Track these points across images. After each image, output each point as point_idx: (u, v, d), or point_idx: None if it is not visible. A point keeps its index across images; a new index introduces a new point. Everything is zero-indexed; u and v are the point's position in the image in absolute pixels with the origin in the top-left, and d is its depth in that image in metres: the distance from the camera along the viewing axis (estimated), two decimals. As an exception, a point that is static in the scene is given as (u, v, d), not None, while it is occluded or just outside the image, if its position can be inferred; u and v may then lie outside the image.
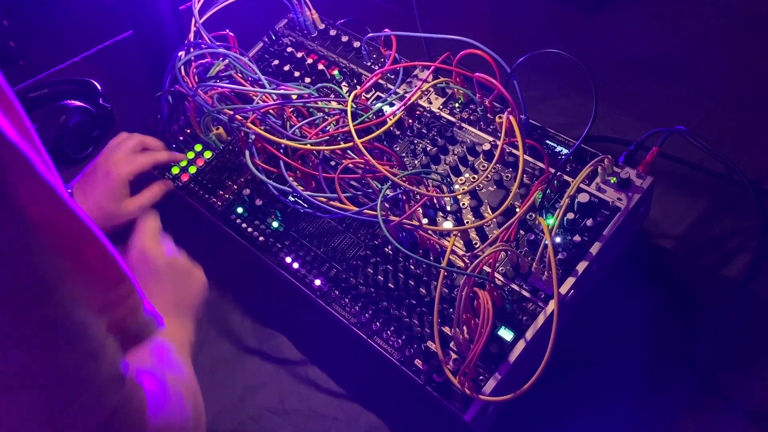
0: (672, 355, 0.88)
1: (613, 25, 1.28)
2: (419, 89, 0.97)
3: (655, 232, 0.98)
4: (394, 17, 1.37)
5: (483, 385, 0.76)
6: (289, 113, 0.93)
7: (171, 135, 1.08)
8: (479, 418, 0.77)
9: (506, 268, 0.83)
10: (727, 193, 1.00)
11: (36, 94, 1.32)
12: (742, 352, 0.86)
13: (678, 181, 1.02)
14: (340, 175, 0.86)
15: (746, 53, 1.18)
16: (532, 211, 0.85)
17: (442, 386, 0.78)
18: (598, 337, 0.90)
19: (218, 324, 1.00)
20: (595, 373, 0.87)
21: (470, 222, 0.88)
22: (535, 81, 1.18)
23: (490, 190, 0.90)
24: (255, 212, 1.00)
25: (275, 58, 1.13)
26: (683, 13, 1.26)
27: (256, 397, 0.93)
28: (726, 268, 0.93)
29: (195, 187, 1.05)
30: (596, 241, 0.82)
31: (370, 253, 0.91)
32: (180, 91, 1.02)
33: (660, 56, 1.21)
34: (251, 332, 0.99)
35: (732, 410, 0.82)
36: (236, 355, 0.97)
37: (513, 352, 0.77)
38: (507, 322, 0.79)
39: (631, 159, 0.91)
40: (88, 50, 1.48)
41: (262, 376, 0.95)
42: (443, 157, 0.94)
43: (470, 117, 0.97)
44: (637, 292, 0.93)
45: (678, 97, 1.13)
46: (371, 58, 1.08)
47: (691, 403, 0.83)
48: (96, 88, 1.31)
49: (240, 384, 0.94)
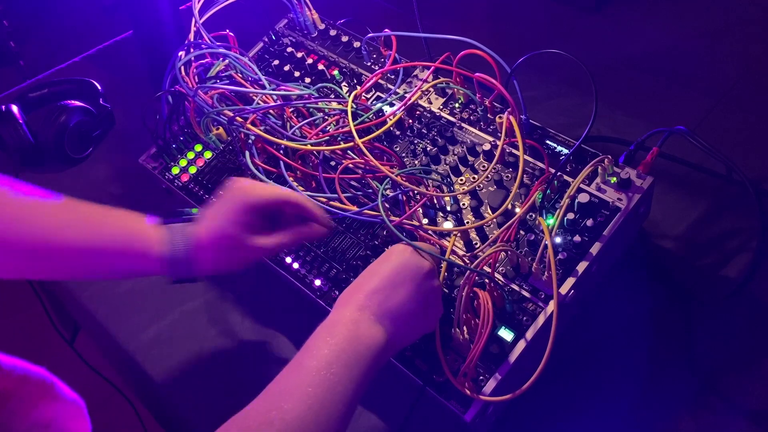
0: (672, 355, 0.87)
1: (613, 25, 1.27)
2: (419, 89, 0.97)
3: (655, 232, 0.98)
4: (394, 17, 1.37)
5: (483, 385, 0.76)
6: (289, 113, 0.93)
7: (171, 135, 1.08)
8: (479, 418, 0.77)
9: (506, 268, 0.83)
10: (727, 193, 1.00)
11: (36, 94, 1.33)
12: (742, 352, 0.86)
13: (678, 181, 1.02)
14: (340, 175, 0.86)
15: (746, 53, 1.18)
16: (532, 212, 0.85)
17: (442, 386, 0.78)
18: (598, 337, 0.90)
19: (218, 324, 1.00)
20: (595, 373, 0.87)
21: (470, 222, 0.88)
22: (535, 81, 1.18)
23: (490, 190, 0.90)
24: (255, 212, 1.00)
25: (275, 58, 1.13)
26: (683, 13, 1.26)
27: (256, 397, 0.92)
28: (726, 268, 0.93)
29: (195, 188, 1.05)
30: (596, 241, 0.82)
31: (370, 253, 0.91)
32: (180, 91, 1.02)
33: (660, 56, 1.21)
34: (251, 332, 0.99)
35: (732, 410, 0.82)
36: (236, 355, 0.97)
37: (513, 352, 0.77)
38: (507, 323, 0.79)
39: (631, 159, 0.91)
40: (88, 50, 1.48)
41: (262, 376, 0.95)
42: (443, 157, 0.94)
43: (470, 117, 0.97)
44: (637, 292, 0.93)
45: (678, 97, 1.13)
46: (371, 58, 1.08)
47: (691, 403, 0.83)
48: (96, 88, 1.31)
49: (240, 384, 0.94)
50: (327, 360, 0.66)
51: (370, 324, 0.70)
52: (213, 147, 1.08)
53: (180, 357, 0.98)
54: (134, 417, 1.24)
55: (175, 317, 1.03)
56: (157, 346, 0.99)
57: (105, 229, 0.78)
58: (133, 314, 1.04)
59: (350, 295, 0.73)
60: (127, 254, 0.78)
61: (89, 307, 1.07)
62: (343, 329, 0.69)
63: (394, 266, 0.75)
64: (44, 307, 1.19)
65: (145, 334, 1.01)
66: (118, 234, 0.78)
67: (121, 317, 1.05)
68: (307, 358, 0.68)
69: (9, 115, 1.22)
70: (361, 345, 0.69)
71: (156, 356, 0.98)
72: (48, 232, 0.76)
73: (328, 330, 0.70)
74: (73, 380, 0.71)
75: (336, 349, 0.67)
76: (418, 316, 0.75)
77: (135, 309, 1.05)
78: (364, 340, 0.69)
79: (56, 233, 0.76)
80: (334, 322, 0.71)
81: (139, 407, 1.24)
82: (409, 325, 0.74)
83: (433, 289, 0.76)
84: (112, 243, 0.78)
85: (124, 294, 1.07)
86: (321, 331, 0.70)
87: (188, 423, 0.93)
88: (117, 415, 1.22)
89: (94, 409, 0.74)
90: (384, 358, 0.71)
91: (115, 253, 0.78)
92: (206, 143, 1.08)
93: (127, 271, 0.81)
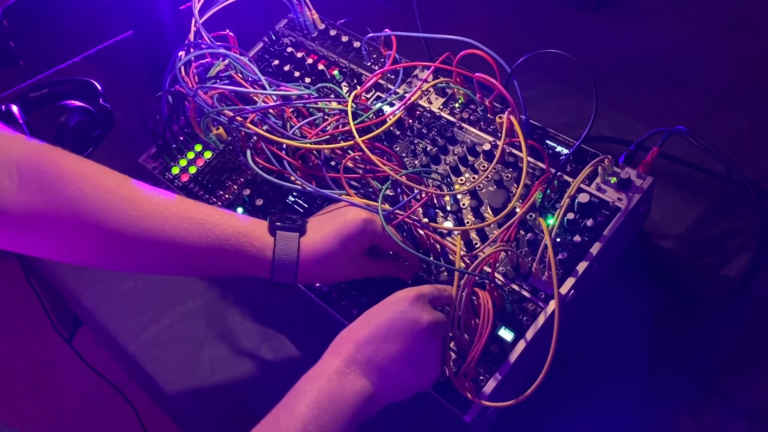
0: (672, 355, 0.87)
1: (613, 25, 1.27)
2: (419, 89, 0.97)
3: (655, 232, 0.98)
4: (394, 17, 1.37)
5: (483, 385, 0.76)
6: (289, 113, 0.93)
7: (171, 135, 1.08)
8: (479, 418, 0.77)
9: (506, 268, 0.84)
10: (727, 193, 1.00)
11: (36, 94, 1.32)
12: (742, 352, 0.86)
13: (678, 181, 1.02)
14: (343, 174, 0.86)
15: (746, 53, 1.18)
16: (533, 211, 0.85)
17: (442, 386, 0.78)
18: (598, 337, 0.90)
19: (218, 324, 1.00)
20: (595, 373, 0.87)
21: (471, 222, 0.88)
22: (535, 81, 1.18)
23: (490, 190, 0.90)
24: (255, 212, 1.00)
25: (275, 58, 1.13)
26: (683, 12, 1.26)
27: (256, 397, 0.93)
28: (726, 268, 0.93)
29: (195, 188, 1.05)
30: (596, 241, 0.82)
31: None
32: (180, 91, 1.02)
33: (660, 56, 1.21)
34: (251, 332, 0.99)
35: (732, 410, 0.82)
36: (236, 355, 0.97)
37: (513, 352, 0.77)
38: (507, 323, 0.79)
39: (631, 159, 0.91)
40: (88, 50, 1.48)
41: (262, 376, 0.95)
42: (443, 157, 0.94)
43: (470, 117, 0.97)
44: (637, 292, 0.94)
45: (678, 97, 1.13)
46: (371, 58, 1.08)
47: (691, 403, 0.83)
48: (96, 88, 1.31)
49: (240, 384, 0.94)
50: (304, 420, 0.64)
51: (356, 378, 0.68)
52: (213, 147, 1.08)
53: (180, 357, 0.98)
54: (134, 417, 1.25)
55: (175, 317, 1.03)
56: (157, 346, 1.00)
57: (218, 229, 0.78)
58: (133, 314, 1.04)
59: (340, 345, 0.71)
60: (238, 257, 0.78)
61: (89, 306, 1.07)
62: (326, 383, 0.67)
63: (389, 317, 0.72)
64: (44, 307, 1.19)
65: (145, 334, 1.01)
66: (231, 235, 0.78)
67: (121, 317, 1.05)
68: (284, 416, 0.66)
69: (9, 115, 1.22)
70: (342, 402, 0.66)
71: (156, 356, 0.98)
72: (169, 230, 0.76)
73: (311, 383, 0.68)
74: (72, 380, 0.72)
75: (315, 407, 0.65)
76: (410, 374, 0.71)
77: (135, 309, 1.05)
78: (346, 398, 0.67)
79: (175, 231, 0.76)
80: (319, 374, 0.69)
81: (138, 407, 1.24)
82: (399, 382, 0.71)
83: (429, 348, 0.72)
84: (225, 244, 0.78)
85: (124, 294, 1.07)
86: (304, 382, 0.68)
87: (188, 423, 0.93)
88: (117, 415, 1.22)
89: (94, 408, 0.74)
90: (369, 412, 0.69)
91: (225, 254, 0.78)
92: (206, 143, 1.08)
93: (232, 270, 0.81)
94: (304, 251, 0.79)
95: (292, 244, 0.79)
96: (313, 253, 0.79)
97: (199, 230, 0.77)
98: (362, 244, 0.82)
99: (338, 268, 0.82)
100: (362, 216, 0.81)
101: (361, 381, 0.68)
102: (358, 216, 0.81)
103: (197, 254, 0.77)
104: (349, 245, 0.80)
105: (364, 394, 0.68)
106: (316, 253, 0.79)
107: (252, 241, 0.79)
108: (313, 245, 0.80)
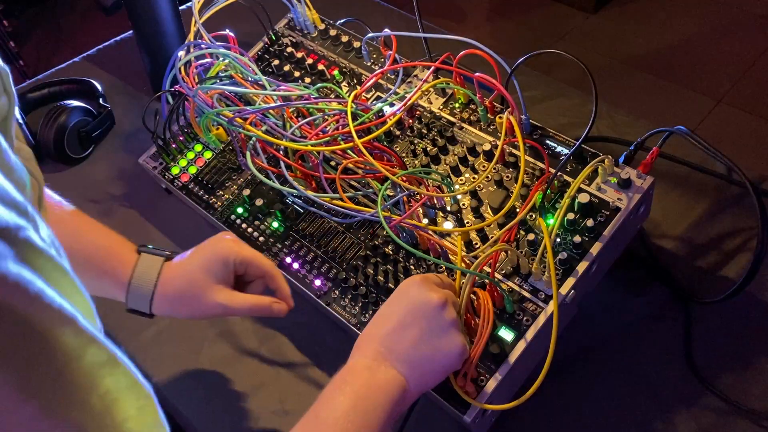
0: (672, 355, 0.88)
1: (613, 25, 1.28)
2: (419, 89, 0.97)
3: (655, 232, 0.98)
4: (394, 17, 1.37)
5: (483, 385, 0.76)
6: (289, 113, 0.93)
7: (171, 135, 1.08)
8: (479, 418, 0.77)
9: (506, 268, 0.84)
10: (727, 193, 1.00)
11: (36, 94, 1.33)
12: (742, 352, 0.86)
13: (678, 181, 1.02)
14: (340, 175, 0.86)
15: (747, 53, 1.18)
16: (533, 212, 0.85)
17: (442, 386, 0.78)
18: (597, 337, 0.90)
19: (218, 324, 1.00)
20: (595, 373, 0.87)
21: (471, 222, 0.88)
22: (535, 81, 1.18)
23: (490, 190, 0.90)
24: (255, 212, 1.00)
25: (275, 58, 1.13)
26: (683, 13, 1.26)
27: (256, 397, 0.93)
28: (726, 268, 0.93)
29: (195, 188, 1.05)
30: (596, 241, 0.82)
31: (370, 253, 0.91)
32: (180, 91, 1.02)
33: (660, 56, 1.21)
34: (251, 332, 0.99)
35: (732, 410, 0.82)
36: (236, 355, 0.97)
37: (513, 352, 0.77)
38: (507, 323, 0.79)
39: (631, 159, 0.91)
40: (88, 50, 1.48)
41: (262, 377, 0.95)
42: (443, 157, 0.94)
43: (470, 117, 0.97)
44: (637, 292, 0.94)
45: (678, 97, 1.14)
46: (371, 58, 1.08)
47: (691, 403, 0.83)
48: (96, 88, 1.31)
49: (240, 384, 0.94)
50: (344, 410, 0.65)
51: (386, 370, 0.69)
52: (213, 147, 1.08)
53: (180, 357, 0.98)
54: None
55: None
56: (157, 346, 0.99)
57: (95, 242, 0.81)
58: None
59: (364, 342, 0.72)
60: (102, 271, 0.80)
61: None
62: (358, 378, 0.68)
63: (402, 307, 0.73)
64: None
65: (145, 334, 1.01)
66: (102, 248, 0.81)
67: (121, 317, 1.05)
68: (323, 410, 0.66)
69: (9, 115, 1.22)
70: (378, 392, 0.67)
71: (156, 356, 0.98)
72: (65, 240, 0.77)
73: (344, 378, 0.69)
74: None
75: (353, 397, 0.66)
76: (434, 355, 0.71)
77: (135, 309, 1.05)
78: (380, 387, 0.67)
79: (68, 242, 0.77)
80: (350, 371, 0.70)
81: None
82: (427, 366, 0.71)
83: (445, 322, 0.72)
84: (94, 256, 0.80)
85: (124, 294, 1.07)
86: (337, 380, 0.69)
87: (188, 423, 0.93)
88: (117, 415, 1.22)
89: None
90: (405, 402, 0.70)
91: (92, 268, 0.80)
92: (206, 143, 1.08)
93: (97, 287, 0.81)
94: (164, 275, 0.80)
95: (151, 265, 0.81)
96: (174, 278, 0.80)
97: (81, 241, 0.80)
98: (227, 266, 0.82)
99: (201, 296, 0.80)
100: (228, 238, 0.84)
101: (391, 372, 0.69)
102: (223, 238, 0.84)
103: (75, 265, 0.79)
104: (212, 267, 0.81)
105: (397, 385, 0.69)
106: (177, 276, 0.81)
107: (118, 258, 0.81)
108: (172, 270, 0.81)
